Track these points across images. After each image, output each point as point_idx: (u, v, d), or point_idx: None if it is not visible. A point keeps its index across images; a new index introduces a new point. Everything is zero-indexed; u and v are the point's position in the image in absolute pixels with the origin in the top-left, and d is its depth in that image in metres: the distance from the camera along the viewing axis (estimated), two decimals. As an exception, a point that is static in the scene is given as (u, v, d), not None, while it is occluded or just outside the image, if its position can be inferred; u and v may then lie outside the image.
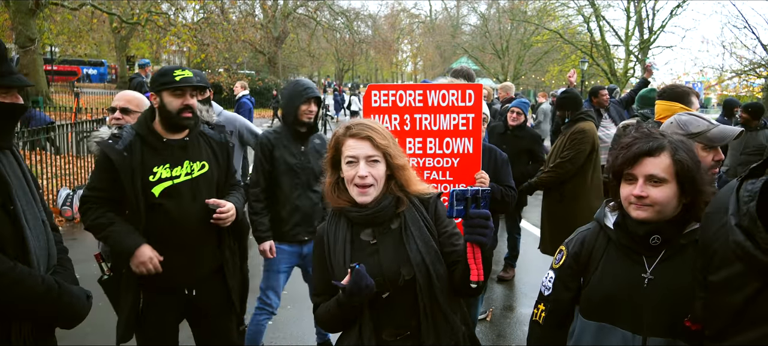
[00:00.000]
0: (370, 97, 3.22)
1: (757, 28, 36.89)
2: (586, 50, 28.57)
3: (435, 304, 1.85)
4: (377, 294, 1.83)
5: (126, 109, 3.08)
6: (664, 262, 1.70)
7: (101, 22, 26.23)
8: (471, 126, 3.15)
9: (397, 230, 1.91)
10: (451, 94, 3.14)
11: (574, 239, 1.93)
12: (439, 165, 3.18)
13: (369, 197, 1.86)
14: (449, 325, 1.87)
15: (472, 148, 3.16)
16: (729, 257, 1.39)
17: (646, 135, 1.73)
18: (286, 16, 33.88)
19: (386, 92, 3.21)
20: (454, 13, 52.84)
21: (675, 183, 1.67)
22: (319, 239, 2.00)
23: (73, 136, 9.83)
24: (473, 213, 1.65)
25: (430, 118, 3.18)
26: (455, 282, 1.87)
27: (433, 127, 3.17)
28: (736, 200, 1.35)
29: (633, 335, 1.68)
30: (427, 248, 1.87)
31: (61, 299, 1.96)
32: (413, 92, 3.19)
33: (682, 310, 1.62)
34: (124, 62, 34.50)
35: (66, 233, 7.07)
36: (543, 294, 1.96)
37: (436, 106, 3.16)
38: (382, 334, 1.88)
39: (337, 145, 1.92)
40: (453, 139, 3.17)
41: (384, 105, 3.19)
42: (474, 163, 3.17)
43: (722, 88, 24.71)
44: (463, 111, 3.14)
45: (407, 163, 1.96)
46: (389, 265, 1.86)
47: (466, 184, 3.15)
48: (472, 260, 1.68)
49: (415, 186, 1.96)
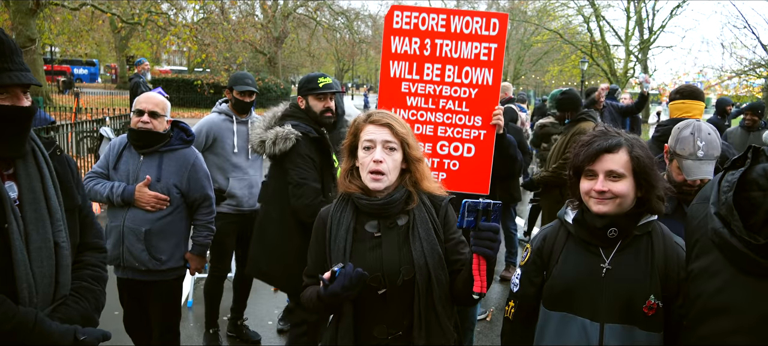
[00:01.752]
0: (392, 18, 3.13)
1: (757, 28, 36.95)
2: (586, 50, 28.56)
3: (431, 308, 1.84)
4: (373, 289, 1.82)
5: (154, 112, 3.03)
6: (620, 252, 1.80)
7: (101, 22, 26.23)
8: (493, 57, 3.06)
9: (404, 227, 1.89)
10: (475, 22, 3.06)
11: (537, 236, 2.03)
12: (457, 94, 3.10)
13: (381, 184, 1.84)
14: (442, 331, 1.86)
15: (492, 79, 3.08)
16: (708, 246, 1.46)
17: (603, 133, 1.84)
18: (286, 16, 33.85)
19: (408, 14, 3.12)
20: (454, 13, 52.77)
21: (632, 178, 1.77)
22: (322, 221, 1.98)
23: (73, 136, 9.83)
24: (483, 226, 1.66)
25: (452, 44, 3.09)
26: (457, 289, 1.87)
27: (454, 54, 3.09)
28: (717, 191, 1.44)
29: (591, 323, 1.77)
30: (432, 252, 1.84)
31: (30, 337, 1.68)
32: (436, 16, 3.10)
33: (637, 297, 1.74)
34: (124, 62, 34.51)
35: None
36: (512, 291, 2.04)
37: (458, 32, 3.07)
38: (373, 331, 1.86)
39: (356, 131, 1.92)
40: (473, 69, 3.09)
41: (405, 27, 3.11)
42: (492, 96, 3.08)
43: (722, 88, 24.72)
44: (485, 40, 3.06)
45: (424, 158, 1.96)
46: (390, 262, 1.84)
47: (482, 117, 3.08)
48: (477, 272, 1.69)
49: (429, 182, 1.95)
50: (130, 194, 2.97)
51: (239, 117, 4.03)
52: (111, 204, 3.04)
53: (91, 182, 3.07)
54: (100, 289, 1.97)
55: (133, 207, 3.00)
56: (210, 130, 3.94)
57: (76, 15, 22.55)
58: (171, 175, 3.06)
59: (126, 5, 20.79)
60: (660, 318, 1.75)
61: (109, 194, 3.00)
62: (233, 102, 4.01)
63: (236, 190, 3.99)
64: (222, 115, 4.01)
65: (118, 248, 3.03)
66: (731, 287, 1.40)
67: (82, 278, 1.92)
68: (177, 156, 3.11)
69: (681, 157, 2.36)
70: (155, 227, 3.02)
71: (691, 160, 2.33)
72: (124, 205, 3.00)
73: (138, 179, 3.02)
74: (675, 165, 2.40)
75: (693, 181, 2.34)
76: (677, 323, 1.73)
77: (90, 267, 1.96)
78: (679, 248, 1.82)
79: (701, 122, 2.41)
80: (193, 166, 3.14)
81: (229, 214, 3.96)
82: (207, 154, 3.88)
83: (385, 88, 3.15)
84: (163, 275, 3.11)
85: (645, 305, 1.73)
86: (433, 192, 1.96)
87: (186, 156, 3.14)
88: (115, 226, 3.04)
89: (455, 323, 1.98)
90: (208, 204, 3.23)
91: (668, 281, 1.76)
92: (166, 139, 3.08)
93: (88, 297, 1.90)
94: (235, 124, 4.00)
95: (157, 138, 3.05)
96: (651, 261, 1.77)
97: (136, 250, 3.02)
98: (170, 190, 3.05)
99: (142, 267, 3.05)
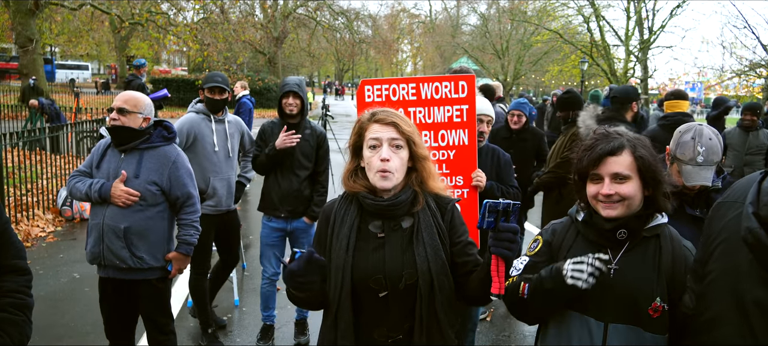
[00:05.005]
0: (363, 92, 3.22)
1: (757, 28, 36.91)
2: (586, 50, 28.52)
3: (433, 314, 1.81)
4: (374, 292, 1.80)
5: (122, 109, 3.03)
6: (628, 253, 1.79)
7: (101, 22, 26.23)
8: (465, 117, 3.14)
9: (408, 230, 1.86)
10: (444, 86, 3.14)
11: (547, 228, 2.01)
12: (435, 158, 3.16)
13: (389, 182, 1.80)
14: (443, 338, 1.84)
15: (467, 139, 3.14)
16: (735, 246, 1.44)
17: (605, 136, 1.82)
18: (286, 16, 33.84)
19: (379, 87, 3.21)
20: (454, 13, 52.82)
21: (638, 178, 1.76)
22: (325, 217, 1.95)
23: (73, 136, 9.83)
24: (503, 226, 1.65)
25: (424, 111, 3.18)
26: (471, 289, 1.84)
27: (428, 120, 3.17)
28: (757, 191, 1.41)
29: (596, 323, 1.76)
30: (436, 257, 1.82)
31: None
32: (406, 86, 3.19)
33: (643, 299, 1.73)
34: (124, 62, 34.49)
35: (66, 233, 7.08)
36: (510, 274, 1.93)
37: (429, 99, 3.15)
38: (374, 333, 1.84)
39: (361, 130, 1.88)
40: (448, 131, 3.17)
41: (378, 100, 3.19)
42: (470, 155, 3.15)
43: (722, 88, 24.71)
44: (456, 103, 3.14)
45: (429, 156, 1.93)
46: (393, 265, 1.81)
47: (463, 177, 3.16)
48: (495, 273, 1.67)
49: (435, 181, 1.92)
50: (107, 190, 2.98)
51: (215, 116, 4.06)
52: (91, 201, 3.05)
53: (74, 180, 3.11)
54: (23, 318, 1.68)
55: (111, 204, 3.00)
56: (191, 128, 3.95)
57: (76, 15, 22.54)
58: (150, 172, 3.05)
59: (126, 5, 20.79)
60: (665, 320, 1.74)
61: (88, 190, 3.01)
62: (205, 101, 4.05)
63: (218, 189, 4.04)
64: (200, 114, 4.04)
65: (98, 245, 3.02)
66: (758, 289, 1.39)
67: (1, 307, 1.64)
68: (157, 153, 3.10)
69: (681, 161, 2.35)
70: (135, 225, 3.00)
71: (690, 165, 2.32)
72: (101, 202, 3.00)
73: (117, 176, 3.02)
74: (675, 169, 2.40)
75: (692, 186, 2.34)
76: (682, 325, 1.71)
77: (10, 294, 1.67)
78: (687, 250, 1.80)
79: (703, 126, 2.40)
80: (174, 163, 3.11)
81: (208, 215, 3.97)
82: (187, 153, 3.90)
83: None
84: (146, 274, 3.09)
85: (651, 306, 1.72)
86: (439, 192, 1.94)
87: (167, 153, 3.12)
88: (96, 223, 3.03)
89: (456, 329, 1.95)
90: (191, 203, 3.19)
91: (675, 283, 1.75)
92: (143, 137, 3.07)
93: (9, 331, 1.63)
94: (214, 123, 4.03)
95: (132, 134, 3.04)
96: (658, 263, 1.77)
97: (116, 247, 3.00)
98: (148, 187, 3.03)
99: (123, 265, 3.03)
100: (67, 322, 4.48)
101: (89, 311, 3.30)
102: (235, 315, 4.74)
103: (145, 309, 3.20)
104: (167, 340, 3.26)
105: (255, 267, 5.84)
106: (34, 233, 6.87)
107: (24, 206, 7.22)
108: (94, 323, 3.34)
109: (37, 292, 5.05)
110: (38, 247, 6.51)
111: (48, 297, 4.99)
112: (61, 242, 6.75)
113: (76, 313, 4.62)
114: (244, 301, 5.06)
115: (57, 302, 4.91)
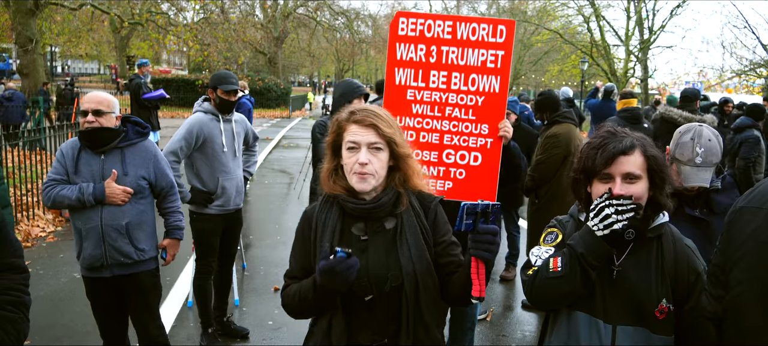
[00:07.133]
0: (397, 25, 3.09)
1: (757, 28, 36.89)
2: (586, 50, 28.51)
3: (419, 316, 1.78)
4: (357, 296, 1.76)
5: (98, 110, 3.01)
6: (631, 255, 1.77)
7: (101, 22, 26.24)
8: (500, 64, 3.01)
9: (392, 231, 1.81)
10: (482, 28, 3.02)
11: (560, 220, 1.96)
12: (463, 102, 3.06)
13: (368, 185, 1.75)
14: (430, 339, 1.81)
15: (499, 87, 3.02)
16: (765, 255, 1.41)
17: (613, 134, 1.78)
18: (286, 16, 33.86)
19: (414, 20, 3.08)
20: (454, 13, 52.85)
21: (647, 178, 1.74)
22: (306, 221, 1.89)
23: (73, 136, 9.82)
24: (482, 228, 1.62)
25: (458, 51, 3.04)
26: (453, 291, 1.81)
27: (460, 61, 3.03)
28: None
29: (604, 324, 1.74)
30: (420, 258, 1.78)
31: None
32: (442, 23, 3.05)
33: (648, 300, 1.72)
34: (124, 62, 34.51)
35: (66, 233, 7.08)
36: (531, 262, 1.89)
37: (464, 39, 3.02)
38: (359, 337, 1.79)
39: (339, 129, 1.82)
40: (479, 76, 3.03)
41: (411, 33, 3.07)
42: (499, 104, 3.03)
43: (723, 88, 24.71)
44: (492, 47, 3.01)
45: (412, 153, 1.87)
46: (377, 268, 1.76)
47: (489, 126, 3.05)
48: (476, 276, 1.64)
49: (418, 180, 1.87)
50: (101, 191, 2.98)
51: (224, 116, 4.04)
52: (82, 206, 3.01)
53: (54, 189, 3.01)
54: (21, 316, 1.69)
55: (106, 205, 3.00)
56: (201, 130, 3.91)
57: (76, 15, 22.56)
58: (137, 167, 3.10)
59: (126, 5, 20.80)
60: (671, 321, 1.73)
61: (79, 196, 2.97)
62: (218, 101, 3.99)
63: (227, 189, 4.02)
64: (208, 114, 4.00)
65: (99, 247, 3.02)
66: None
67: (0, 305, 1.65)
68: (139, 149, 3.14)
69: (680, 162, 2.35)
70: (133, 220, 3.07)
71: (689, 166, 2.32)
72: (96, 204, 3.00)
73: (104, 177, 3.02)
74: (675, 169, 2.39)
75: (691, 187, 2.34)
76: (688, 326, 1.71)
77: (8, 292, 1.68)
78: (689, 250, 1.79)
79: (703, 127, 2.38)
80: (155, 156, 3.20)
81: (216, 215, 3.97)
82: (196, 154, 3.89)
83: (390, 96, 3.13)
84: (144, 266, 3.16)
85: (657, 308, 1.71)
86: (422, 190, 1.89)
87: (147, 148, 3.18)
88: (92, 227, 3.02)
89: (442, 328, 1.92)
90: (174, 191, 3.32)
91: (678, 283, 1.74)
92: (120, 135, 3.08)
93: (7, 328, 1.63)
94: (222, 122, 4.01)
95: (109, 135, 3.04)
96: (661, 264, 1.75)
97: (121, 244, 3.03)
98: (139, 182, 3.09)
99: (127, 260, 3.07)
100: (66, 322, 4.49)
101: (89, 311, 3.30)
102: (235, 315, 4.74)
103: (139, 301, 3.23)
104: (157, 329, 3.31)
105: (255, 267, 5.84)
106: (34, 233, 6.87)
107: (24, 206, 7.22)
108: (94, 323, 3.34)
109: (37, 292, 5.06)
110: (38, 247, 6.51)
111: (48, 297, 4.99)
112: (61, 242, 6.75)
113: (76, 313, 4.62)
114: (244, 301, 5.05)
115: (57, 302, 4.91)
